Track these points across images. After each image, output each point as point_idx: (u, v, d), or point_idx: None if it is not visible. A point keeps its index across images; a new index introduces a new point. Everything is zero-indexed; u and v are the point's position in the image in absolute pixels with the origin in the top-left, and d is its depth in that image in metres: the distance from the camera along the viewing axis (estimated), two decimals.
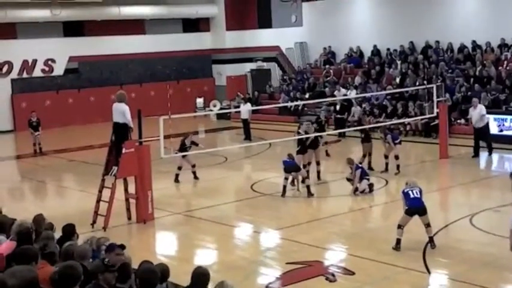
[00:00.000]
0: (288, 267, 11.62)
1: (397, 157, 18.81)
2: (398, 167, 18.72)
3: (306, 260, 11.91)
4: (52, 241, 7.51)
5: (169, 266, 7.24)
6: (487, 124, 21.29)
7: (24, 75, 32.92)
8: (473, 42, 27.95)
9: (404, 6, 30.46)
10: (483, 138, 21.24)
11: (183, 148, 18.88)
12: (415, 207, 12.22)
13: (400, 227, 12.24)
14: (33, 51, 32.68)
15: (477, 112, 21.12)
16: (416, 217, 12.26)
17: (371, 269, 11.52)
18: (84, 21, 34.03)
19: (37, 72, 33.21)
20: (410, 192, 12.36)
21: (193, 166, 19.31)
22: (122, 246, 7.57)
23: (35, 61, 33.06)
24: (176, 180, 19.08)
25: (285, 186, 16.63)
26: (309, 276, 11.26)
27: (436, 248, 12.20)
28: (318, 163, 18.77)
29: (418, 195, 12.32)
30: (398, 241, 12.22)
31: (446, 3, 29.09)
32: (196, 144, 19.35)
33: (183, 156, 18.92)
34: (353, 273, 11.26)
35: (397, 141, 19.05)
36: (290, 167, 16.72)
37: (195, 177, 19.38)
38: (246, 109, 26.58)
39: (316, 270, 11.51)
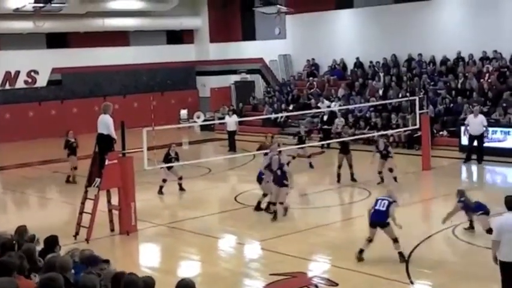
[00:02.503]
0: (271, 279, 11.61)
1: (391, 170, 18.78)
2: (395, 178, 18.72)
3: (290, 272, 11.92)
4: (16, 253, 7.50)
5: (153, 278, 7.20)
6: (483, 133, 21.77)
7: (7, 86, 32.74)
8: (458, 53, 28.18)
9: (387, 20, 30.71)
10: (479, 145, 21.76)
11: (167, 159, 18.79)
12: (373, 220, 12.17)
13: (368, 239, 12.21)
14: (16, 62, 32.53)
15: (479, 120, 21.75)
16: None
17: (354, 280, 11.55)
18: (68, 32, 33.94)
19: (20, 84, 33.04)
20: (379, 201, 12.24)
21: (180, 178, 19.21)
22: (107, 261, 7.55)
23: (17, 72, 32.89)
24: (160, 192, 19.00)
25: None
26: None
27: (419, 259, 12.26)
28: None
29: (383, 208, 12.10)
30: (361, 251, 12.24)
31: (429, 17, 29.35)
32: (178, 159, 19.16)
33: (169, 169, 18.84)
34: (336, 285, 11.28)
35: (390, 154, 18.95)
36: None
37: (181, 189, 19.26)
38: (233, 121, 26.56)
39: (300, 282, 11.52)
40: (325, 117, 27.73)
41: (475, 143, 21.86)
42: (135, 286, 6.27)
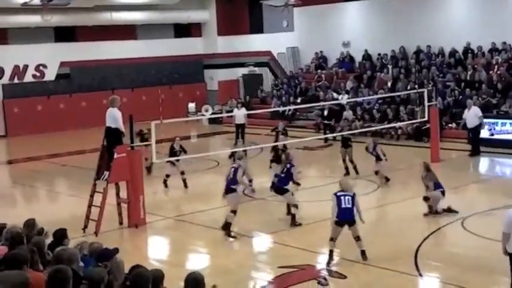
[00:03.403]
0: (280, 272, 11.62)
1: (376, 172, 18.29)
2: (386, 178, 18.24)
3: (298, 264, 11.92)
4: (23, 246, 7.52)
5: (162, 271, 7.21)
6: (480, 125, 21.77)
7: (16, 80, 32.82)
8: (467, 44, 28.05)
9: (395, 12, 30.59)
10: (474, 137, 21.83)
11: (172, 153, 18.76)
12: (345, 219, 11.79)
13: (332, 239, 11.86)
14: (24, 56, 32.59)
15: (473, 113, 21.78)
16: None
17: (363, 272, 11.54)
18: (76, 26, 33.99)
19: (28, 78, 33.12)
20: (342, 198, 11.76)
21: (183, 173, 19.04)
22: (116, 250, 7.57)
23: (26, 66, 32.96)
24: (165, 185, 18.94)
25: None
26: (301, 280, 11.27)
27: (428, 252, 12.25)
28: None
29: (350, 205, 11.74)
30: (330, 252, 11.88)
31: (437, 9, 29.23)
32: (185, 151, 19.19)
33: (173, 164, 18.76)
34: (345, 277, 11.28)
35: (380, 157, 18.31)
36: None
37: (185, 186, 19.07)
38: (241, 113, 26.45)
39: (308, 274, 11.52)
40: (325, 112, 27.37)
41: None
42: (144, 279, 6.27)
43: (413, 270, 11.40)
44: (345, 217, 11.82)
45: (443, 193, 14.65)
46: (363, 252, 11.92)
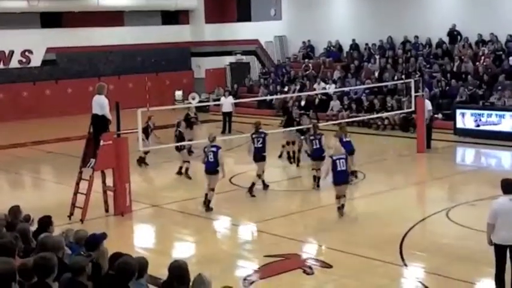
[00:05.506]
0: (265, 260, 11.63)
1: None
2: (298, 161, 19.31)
3: (284, 253, 11.94)
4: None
5: (148, 259, 7.20)
6: (430, 118, 21.33)
7: (1, 66, 32.54)
8: (455, 35, 28.06)
9: (384, 2, 30.57)
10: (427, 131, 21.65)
11: (147, 131, 19.21)
12: (341, 181, 13.72)
13: (338, 197, 13.78)
14: (10, 42, 32.27)
15: None
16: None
17: (348, 262, 11.57)
18: (62, 12, 33.70)
19: (14, 63, 32.85)
20: (338, 162, 13.36)
21: (146, 153, 19.53)
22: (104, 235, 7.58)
23: (11, 52, 32.68)
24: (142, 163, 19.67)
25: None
26: (287, 269, 11.28)
27: (413, 242, 12.30)
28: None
29: (344, 167, 13.56)
30: (341, 207, 13.72)
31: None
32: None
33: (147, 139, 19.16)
34: (330, 266, 11.30)
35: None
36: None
37: (144, 163, 19.77)
38: (228, 102, 26.43)
39: (294, 263, 11.53)
40: (302, 102, 26.16)
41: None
42: (128, 267, 6.26)
43: (399, 260, 11.44)
44: (341, 179, 13.69)
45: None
46: (342, 206, 13.66)
